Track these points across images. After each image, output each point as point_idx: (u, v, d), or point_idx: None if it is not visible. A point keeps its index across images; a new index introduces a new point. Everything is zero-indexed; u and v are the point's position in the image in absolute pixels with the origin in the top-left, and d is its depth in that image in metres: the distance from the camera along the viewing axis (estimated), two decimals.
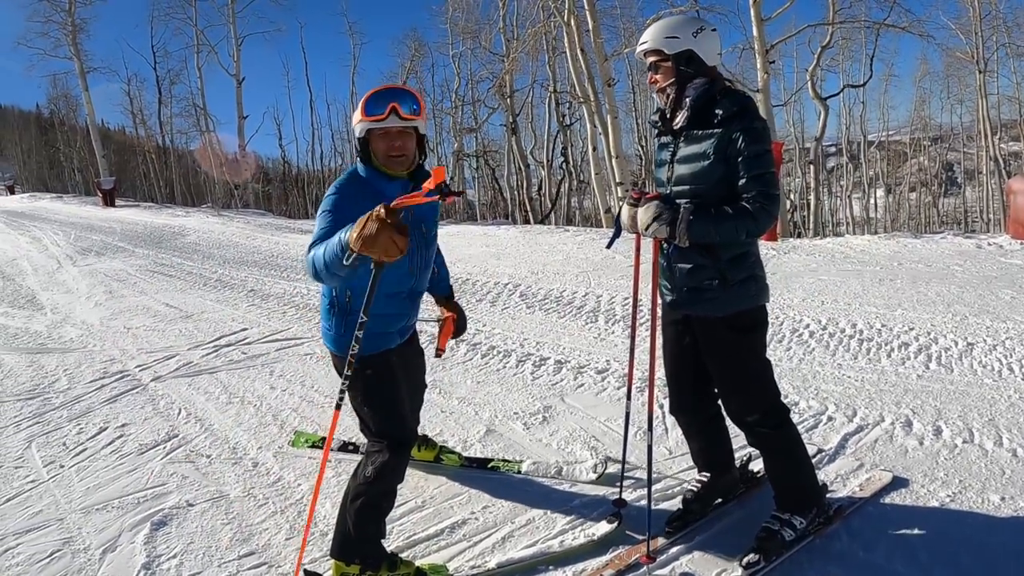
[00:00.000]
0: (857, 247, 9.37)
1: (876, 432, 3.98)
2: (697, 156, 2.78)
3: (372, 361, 2.92)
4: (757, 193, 2.68)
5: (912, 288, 7.00)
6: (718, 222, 2.68)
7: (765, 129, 2.75)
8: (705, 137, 2.77)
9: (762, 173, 2.70)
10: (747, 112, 2.74)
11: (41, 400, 5.63)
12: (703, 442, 3.29)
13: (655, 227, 2.75)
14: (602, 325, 6.71)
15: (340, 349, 2.96)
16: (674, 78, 2.81)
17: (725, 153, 2.72)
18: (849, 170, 37.81)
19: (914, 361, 5.03)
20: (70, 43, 30.82)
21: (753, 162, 2.69)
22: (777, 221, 2.79)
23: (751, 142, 2.68)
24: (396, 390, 3.04)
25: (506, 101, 28.47)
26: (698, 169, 2.78)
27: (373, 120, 2.71)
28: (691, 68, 2.78)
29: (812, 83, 21.50)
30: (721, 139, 2.72)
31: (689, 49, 2.76)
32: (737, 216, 2.67)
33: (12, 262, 13.52)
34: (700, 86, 2.79)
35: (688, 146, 2.83)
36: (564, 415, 4.63)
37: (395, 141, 2.76)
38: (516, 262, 10.49)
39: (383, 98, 2.71)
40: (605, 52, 16.34)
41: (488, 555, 3.16)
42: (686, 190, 2.82)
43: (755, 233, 2.74)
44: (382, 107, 2.69)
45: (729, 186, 2.74)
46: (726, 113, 2.73)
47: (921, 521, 3.13)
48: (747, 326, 2.90)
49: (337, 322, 2.96)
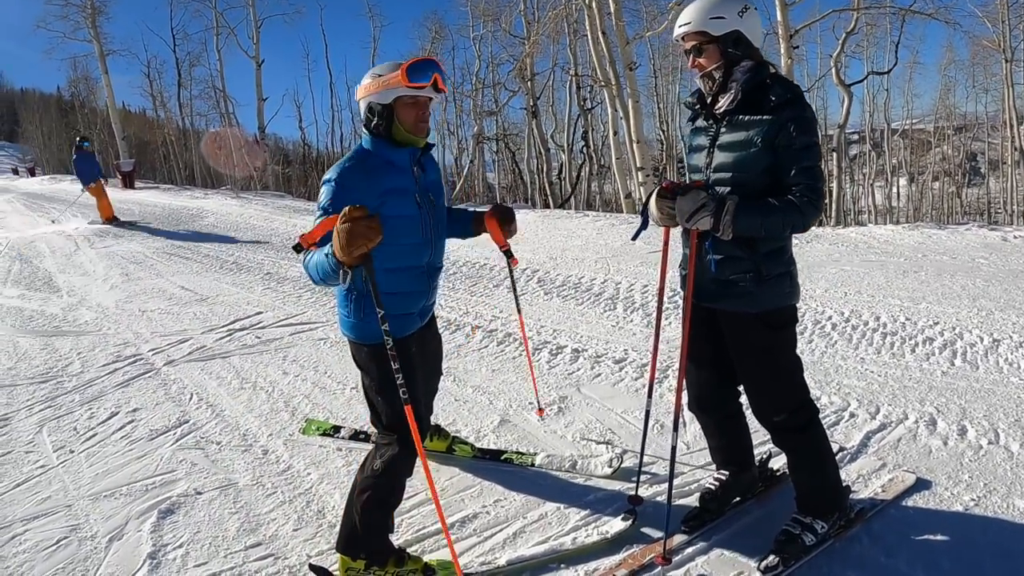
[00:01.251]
0: (881, 237, 9.20)
1: (899, 431, 3.87)
2: (742, 143, 2.64)
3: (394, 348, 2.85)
4: (805, 187, 2.54)
5: (937, 281, 6.85)
6: (765, 215, 2.54)
7: (815, 120, 2.62)
8: (753, 124, 2.61)
9: (811, 166, 2.56)
10: (800, 101, 2.59)
11: (54, 384, 5.61)
12: (723, 439, 3.18)
13: (698, 218, 2.58)
14: (620, 313, 6.61)
15: (359, 336, 2.88)
16: (721, 61, 2.66)
17: (774, 142, 2.57)
18: (872, 158, 37.33)
19: (939, 357, 4.91)
20: (89, 26, 30.90)
21: (803, 154, 2.55)
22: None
23: (802, 132, 2.55)
24: (413, 384, 2.97)
25: (526, 84, 28.31)
26: (742, 157, 2.64)
27: (416, 87, 2.68)
28: (739, 50, 2.64)
29: (836, 69, 21.15)
30: (771, 127, 2.57)
31: (736, 30, 2.61)
32: (784, 210, 2.54)
33: (30, 244, 13.57)
34: (749, 69, 2.64)
35: (732, 132, 2.67)
36: (580, 406, 4.55)
37: (424, 111, 2.78)
38: (534, 247, 10.40)
39: (428, 68, 2.70)
40: (627, 35, 16.09)
41: (499, 551, 3.09)
42: (726, 178, 2.68)
43: (801, 228, 2.60)
44: (428, 76, 2.69)
45: (773, 177, 2.60)
46: (779, 100, 2.58)
47: (944, 526, 3.03)
48: (779, 324, 2.78)
49: (356, 307, 2.85)
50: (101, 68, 31.89)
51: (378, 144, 2.79)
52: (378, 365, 2.84)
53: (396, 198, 2.76)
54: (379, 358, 2.79)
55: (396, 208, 2.75)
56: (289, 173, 40.07)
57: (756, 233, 2.60)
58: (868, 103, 36.09)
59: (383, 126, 2.77)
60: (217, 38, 32.12)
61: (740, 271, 2.71)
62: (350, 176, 2.69)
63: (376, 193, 2.69)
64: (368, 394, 3.00)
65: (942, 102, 36.99)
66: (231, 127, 33.23)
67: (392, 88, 2.69)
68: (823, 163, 2.71)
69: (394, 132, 2.78)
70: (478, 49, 32.75)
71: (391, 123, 2.76)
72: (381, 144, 2.78)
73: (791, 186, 2.57)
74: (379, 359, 2.79)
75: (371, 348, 2.85)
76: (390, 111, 2.75)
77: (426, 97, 2.75)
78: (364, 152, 2.79)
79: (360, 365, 2.96)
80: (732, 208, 2.54)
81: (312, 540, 3.27)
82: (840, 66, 21.86)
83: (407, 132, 2.77)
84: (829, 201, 26.09)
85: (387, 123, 2.76)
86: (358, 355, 2.94)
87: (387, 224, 2.50)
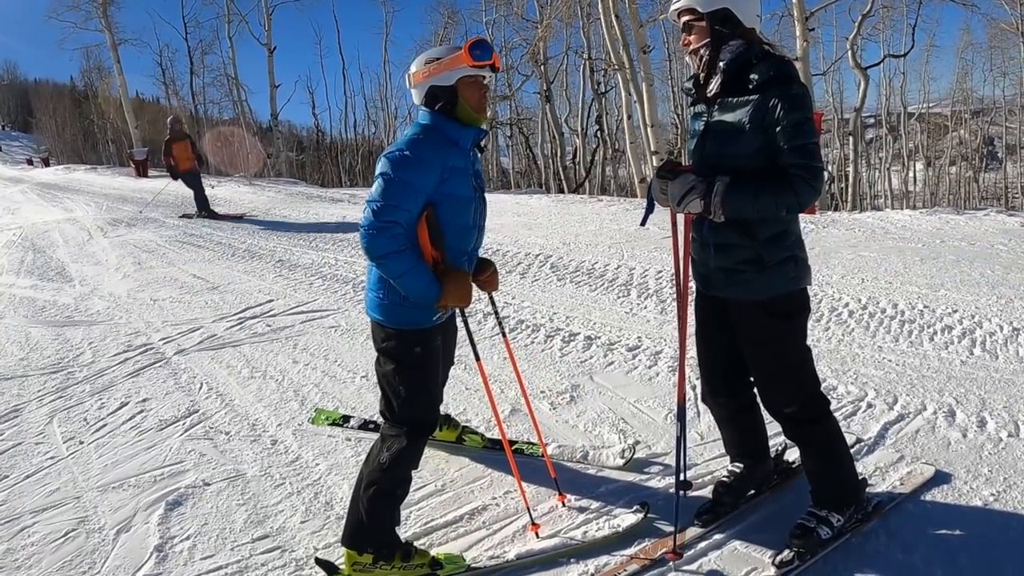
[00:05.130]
0: (898, 222, 9.07)
1: (918, 422, 3.79)
2: (732, 126, 2.58)
3: (422, 337, 2.85)
4: (799, 165, 2.46)
5: (955, 267, 6.74)
6: (756, 196, 2.48)
7: (805, 95, 2.52)
8: (740, 105, 2.56)
9: (804, 144, 2.48)
10: (785, 77, 2.52)
11: (65, 374, 5.60)
12: (736, 431, 3.10)
13: (687, 201, 2.54)
14: (634, 299, 6.54)
15: (390, 319, 2.83)
16: (708, 39, 2.60)
17: (762, 122, 2.50)
18: (888, 142, 36.96)
19: (957, 346, 4.81)
20: (100, 15, 30.89)
21: (793, 131, 2.47)
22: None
23: (790, 110, 2.47)
24: (434, 375, 2.96)
25: (540, 68, 28.13)
26: (733, 139, 2.57)
27: (481, 66, 2.71)
28: (726, 28, 2.57)
29: (852, 52, 20.93)
30: (757, 107, 2.51)
31: (725, 8, 2.55)
32: (777, 190, 2.47)
33: (44, 234, 13.60)
34: (735, 48, 2.57)
35: (722, 115, 2.62)
36: (592, 395, 4.50)
37: (486, 90, 2.82)
38: (548, 232, 10.33)
39: (488, 47, 2.74)
40: (640, 18, 15.92)
41: (508, 545, 3.04)
42: (721, 162, 2.61)
43: (796, 209, 2.53)
44: (489, 54, 2.72)
45: (769, 157, 2.53)
46: (762, 78, 2.51)
47: (963, 521, 2.96)
48: (786, 311, 2.69)
49: (392, 290, 2.78)
50: (113, 57, 31.90)
51: (444, 122, 2.77)
52: (405, 351, 2.82)
53: (457, 177, 2.75)
54: (409, 343, 2.81)
55: (455, 187, 2.74)
56: (303, 160, 40.08)
57: (749, 215, 2.54)
58: (884, 86, 35.73)
59: (448, 108, 2.77)
60: (228, 25, 32.07)
61: (742, 258, 2.65)
62: (423, 148, 2.68)
63: (443, 168, 2.70)
64: (383, 381, 2.92)
65: (959, 85, 36.53)
66: (235, 124, 33.26)
67: (456, 69, 2.71)
68: (819, 139, 2.62)
69: (459, 112, 2.78)
70: (491, 33, 32.47)
71: (455, 104, 2.76)
72: (447, 122, 2.77)
73: (786, 166, 2.49)
74: (408, 343, 2.81)
75: (399, 333, 2.82)
76: (454, 92, 2.75)
77: (485, 76, 2.78)
78: (430, 127, 2.77)
79: (383, 350, 2.89)
80: (721, 189, 2.49)
81: (319, 533, 3.24)
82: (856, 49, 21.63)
83: (472, 111, 2.79)
84: (845, 186, 25.93)
85: (452, 104, 2.76)
86: (382, 339, 2.88)
87: (446, 203, 2.70)
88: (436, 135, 2.74)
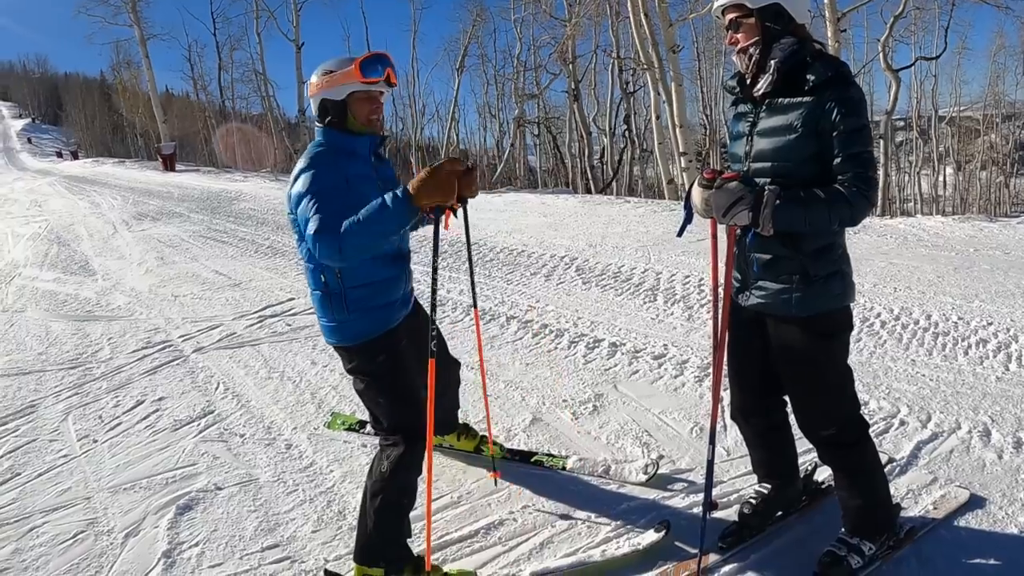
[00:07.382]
0: (930, 229, 8.85)
1: (952, 441, 3.63)
2: (782, 128, 2.41)
3: (382, 345, 2.84)
4: (854, 175, 2.29)
5: (990, 277, 6.53)
6: (808, 207, 2.29)
7: (863, 100, 2.36)
8: (793, 107, 2.39)
9: (860, 152, 2.31)
10: (843, 78, 2.34)
11: (83, 370, 5.58)
12: (766, 451, 2.96)
13: (734, 213, 2.35)
14: (660, 305, 6.40)
15: (346, 336, 2.84)
16: (758, 36, 2.42)
17: (816, 126, 2.34)
18: (918, 146, 36.43)
19: (992, 360, 4.63)
20: (130, 10, 31.23)
21: (849, 138, 2.30)
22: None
23: (848, 114, 2.30)
24: (411, 378, 2.89)
25: (568, 67, 27.94)
26: (783, 144, 2.41)
27: (370, 82, 2.71)
28: (778, 25, 2.40)
29: (884, 54, 20.56)
30: (812, 109, 2.34)
31: (777, 3, 2.37)
32: (830, 201, 2.29)
33: (69, 227, 13.70)
34: (789, 46, 2.39)
35: (771, 116, 2.45)
36: (616, 405, 4.37)
37: (377, 105, 2.82)
38: (574, 233, 10.21)
39: (380, 63, 2.74)
40: (670, 17, 15.72)
41: (523, 563, 2.94)
42: (767, 168, 2.45)
43: (850, 223, 2.35)
44: (380, 71, 2.73)
45: (820, 165, 2.37)
46: (819, 79, 2.33)
47: (998, 549, 2.81)
48: (829, 330, 2.53)
49: (337, 307, 2.78)
50: (142, 52, 32.28)
51: (335, 135, 2.78)
52: (371, 362, 2.83)
53: (361, 184, 2.70)
54: (371, 353, 2.82)
55: (363, 195, 2.63)
56: None
57: (800, 228, 2.36)
58: (915, 89, 35.28)
59: (336, 122, 2.78)
60: (257, 21, 32.43)
61: (786, 272, 2.49)
62: (324, 159, 2.69)
63: (343, 177, 2.67)
64: (363, 399, 2.93)
65: (991, 89, 36.02)
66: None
67: (346, 84, 2.72)
68: (874, 147, 2.44)
69: (349, 125, 2.79)
70: (519, 31, 32.47)
71: (344, 118, 2.77)
72: (338, 135, 2.78)
73: (838, 175, 2.33)
74: (371, 355, 2.82)
75: (359, 348, 2.84)
76: (343, 107, 2.76)
77: (379, 91, 2.79)
78: (323, 143, 2.78)
79: (351, 370, 2.91)
80: (772, 200, 2.30)
81: (330, 543, 3.15)
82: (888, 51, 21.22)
83: (361, 126, 2.80)
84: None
85: (340, 118, 2.77)
86: (347, 360, 2.90)
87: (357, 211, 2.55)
88: (330, 148, 2.76)
